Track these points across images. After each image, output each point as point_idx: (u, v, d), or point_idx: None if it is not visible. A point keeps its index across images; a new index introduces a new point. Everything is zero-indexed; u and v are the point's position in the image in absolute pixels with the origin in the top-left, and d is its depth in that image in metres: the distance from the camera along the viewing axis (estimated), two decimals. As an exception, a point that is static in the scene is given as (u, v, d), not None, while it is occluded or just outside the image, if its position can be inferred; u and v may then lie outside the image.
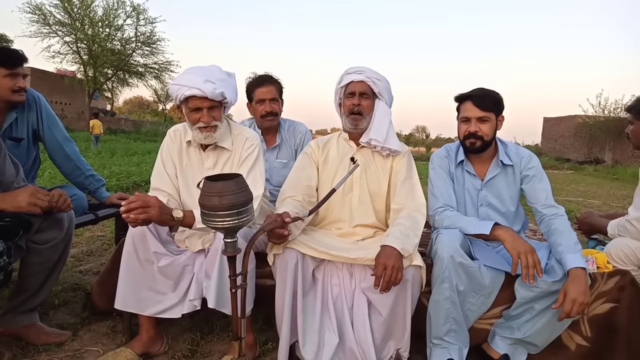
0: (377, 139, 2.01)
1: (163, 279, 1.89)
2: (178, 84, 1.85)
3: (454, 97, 2.15)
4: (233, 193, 1.32)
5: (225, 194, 1.31)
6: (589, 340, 1.85)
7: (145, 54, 27.67)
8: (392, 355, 1.85)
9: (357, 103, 2.02)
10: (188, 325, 2.25)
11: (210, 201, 1.31)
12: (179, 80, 1.87)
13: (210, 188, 1.32)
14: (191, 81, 1.82)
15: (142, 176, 7.72)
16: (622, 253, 1.99)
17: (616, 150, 23.30)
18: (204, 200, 1.33)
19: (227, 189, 1.32)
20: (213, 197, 1.31)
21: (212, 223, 1.35)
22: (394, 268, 1.65)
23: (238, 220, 1.34)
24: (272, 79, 2.74)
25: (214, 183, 1.33)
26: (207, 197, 1.32)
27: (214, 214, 1.33)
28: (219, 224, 1.34)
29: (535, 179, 2.08)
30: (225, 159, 2.02)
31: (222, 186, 1.32)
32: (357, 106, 2.02)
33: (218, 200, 1.31)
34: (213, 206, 1.31)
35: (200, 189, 1.35)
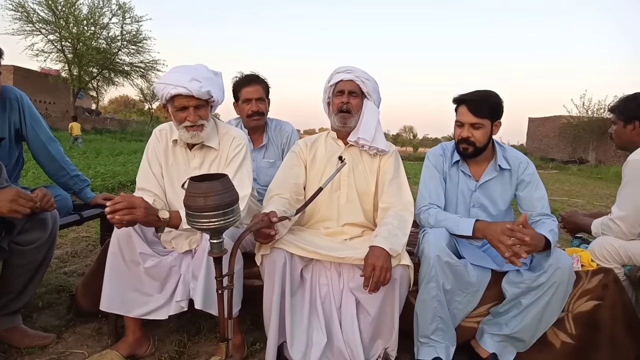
0: (365, 138, 2.01)
1: (149, 280, 1.87)
2: (164, 83, 1.83)
3: (452, 99, 2.14)
4: (219, 193, 1.30)
5: (210, 194, 1.29)
6: (573, 338, 1.88)
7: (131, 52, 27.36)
8: (380, 354, 1.85)
9: (345, 101, 2.03)
10: (175, 327, 2.23)
11: (196, 202, 1.30)
12: (164, 79, 1.85)
13: (195, 188, 1.30)
14: (177, 80, 1.80)
15: (127, 176, 7.64)
16: (606, 251, 2.02)
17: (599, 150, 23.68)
18: (188, 201, 1.31)
19: (212, 190, 1.30)
20: (198, 198, 1.29)
21: (198, 224, 1.33)
22: (382, 268, 1.66)
23: (224, 221, 1.33)
24: (259, 78, 2.73)
25: (199, 183, 1.31)
26: (192, 198, 1.30)
27: (199, 215, 1.31)
28: (205, 225, 1.32)
29: (531, 185, 2.09)
30: (212, 158, 2.01)
31: (207, 187, 1.30)
32: (346, 104, 2.02)
33: (203, 201, 1.29)
34: (198, 207, 1.30)
35: (185, 189, 1.33)
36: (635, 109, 2.10)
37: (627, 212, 2.00)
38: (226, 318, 1.48)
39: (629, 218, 1.99)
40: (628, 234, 2.01)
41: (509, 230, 1.76)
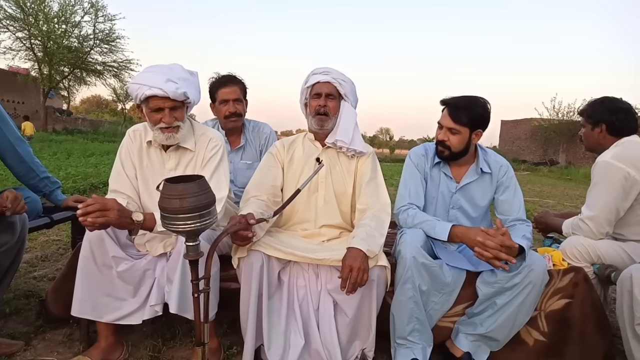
0: (343, 140, 2.01)
1: (122, 284, 1.83)
2: (138, 83, 1.79)
3: (440, 100, 2.14)
4: (194, 195, 1.28)
5: (186, 196, 1.27)
6: (546, 335, 1.92)
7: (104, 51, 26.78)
8: (357, 355, 1.86)
9: (323, 104, 2.02)
10: (149, 332, 2.19)
11: (171, 204, 1.27)
12: (138, 79, 1.81)
13: (171, 190, 1.28)
14: (152, 80, 1.76)
15: (100, 178, 7.48)
16: (576, 250, 2.07)
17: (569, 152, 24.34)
18: (164, 203, 1.29)
19: (188, 191, 1.27)
20: (174, 200, 1.27)
21: (173, 226, 1.30)
22: (360, 270, 1.66)
23: (200, 223, 1.30)
24: (236, 79, 2.71)
25: (175, 185, 1.28)
26: (168, 200, 1.28)
27: (174, 217, 1.28)
28: (180, 227, 1.29)
29: (509, 189, 2.12)
30: (187, 160, 1.98)
31: (183, 188, 1.27)
32: (324, 107, 2.02)
33: (179, 202, 1.26)
34: (174, 209, 1.27)
35: (160, 191, 1.30)
36: (602, 112, 2.16)
37: (596, 213, 2.06)
38: (202, 322, 1.46)
39: (598, 218, 2.05)
40: (597, 233, 2.07)
41: (491, 235, 1.79)
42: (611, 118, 2.13)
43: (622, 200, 2.02)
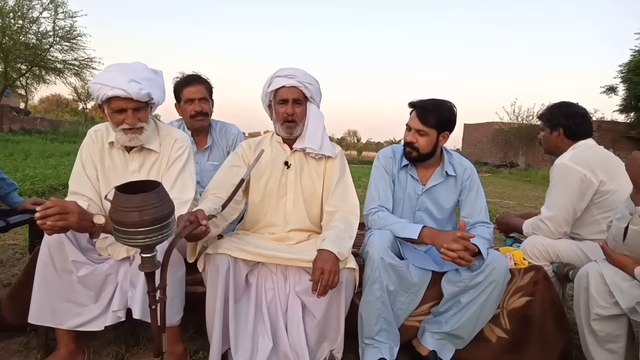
0: (312, 147, 1.99)
1: (83, 289, 1.77)
2: (99, 83, 1.72)
3: (408, 103, 2.17)
4: (155, 206, 1.16)
5: (146, 208, 1.15)
6: (508, 333, 1.98)
7: (64, 49, 25.77)
8: (325, 356, 1.86)
9: (291, 112, 1.95)
10: (112, 338, 2.12)
11: (129, 217, 1.14)
12: (100, 78, 1.74)
13: (127, 202, 1.15)
14: (114, 80, 1.71)
15: (59, 179, 7.21)
16: (536, 250, 2.14)
17: (528, 155, 25.12)
18: (119, 216, 1.15)
19: (148, 202, 1.15)
20: (131, 213, 1.14)
21: (131, 241, 1.18)
22: (331, 272, 1.67)
23: (161, 235, 1.20)
24: (201, 78, 2.66)
25: (131, 196, 1.15)
26: (124, 213, 1.14)
27: (133, 232, 1.16)
28: (140, 242, 1.18)
29: (473, 192, 2.17)
30: (152, 161, 1.93)
31: (141, 199, 1.15)
32: (292, 115, 1.96)
33: (138, 215, 1.14)
34: (133, 223, 1.15)
35: (111, 201, 1.18)
36: (560, 117, 2.25)
37: (555, 213, 2.14)
38: (160, 332, 1.41)
39: (556, 218, 2.13)
40: (556, 233, 2.15)
41: (459, 238, 1.83)
42: (568, 122, 2.22)
43: (579, 200, 2.10)
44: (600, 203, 2.10)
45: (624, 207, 1.66)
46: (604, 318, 1.67)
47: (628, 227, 1.63)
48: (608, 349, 1.70)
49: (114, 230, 1.21)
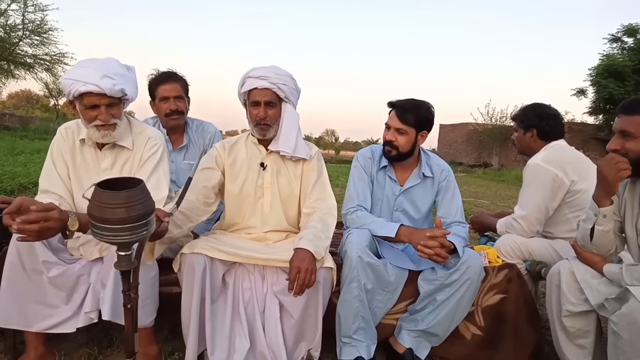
0: (286, 150, 1.95)
1: (54, 290, 1.72)
2: (71, 79, 1.67)
3: (387, 102, 2.19)
4: (141, 202, 1.16)
5: (133, 204, 1.14)
6: (482, 330, 2.02)
7: (34, 43, 24.96)
8: (303, 356, 1.85)
9: (263, 116, 1.90)
10: (84, 340, 2.07)
11: (116, 214, 1.13)
12: (72, 74, 1.69)
13: (114, 198, 1.13)
14: (87, 76, 1.66)
15: (29, 177, 6.99)
16: (510, 248, 2.19)
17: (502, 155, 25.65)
18: (104, 213, 1.13)
19: (134, 198, 1.15)
20: (118, 209, 1.13)
21: (117, 238, 1.16)
22: (307, 271, 1.66)
23: (146, 231, 1.19)
24: (177, 75, 2.61)
25: (118, 193, 1.14)
26: (110, 210, 1.13)
27: (120, 228, 1.14)
28: (126, 238, 1.16)
29: (449, 193, 2.21)
30: (124, 158, 1.89)
31: (128, 195, 1.14)
32: (264, 119, 1.92)
33: (125, 211, 1.13)
34: (119, 219, 1.13)
35: (93, 198, 1.15)
36: (533, 118, 2.30)
37: (528, 212, 2.18)
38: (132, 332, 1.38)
39: (529, 217, 2.18)
40: (528, 231, 2.20)
41: (433, 237, 1.85)
42: (541, 123, 2.27)
43: (551, 200, 2.15)
44: (571, 202, 2.15)
45: (589, 208, 1.71)
46: (574, 314, 1.72)
47: (594, 227, 1.68)
48: (578, 344, 1.75)
49: (95, 229, 1.18)
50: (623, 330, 1.40)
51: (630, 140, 1.55)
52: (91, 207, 1.15)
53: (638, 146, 1.54)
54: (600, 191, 1.64)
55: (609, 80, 18.78)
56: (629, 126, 1.55)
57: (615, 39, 20.58)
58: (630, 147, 1.55)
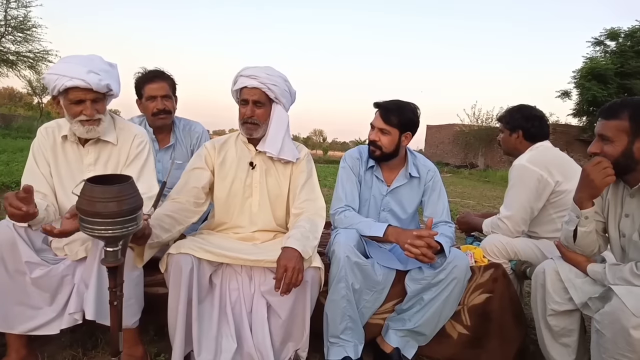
0: (271, 151, 1.94)
1: (37, 291, 1.69)
2: (57, 74, 1.67)
3: (373, 103, 2.21)
4: (131, 196, 1.20)
5: (124, 198, 1.18)
6: (469, 329, 2.03)
7: (17, 40, 24.51)
8: (290, 356, 1.85)
9: (250, 114, 1.90)
10: (68, 342, 2.03)
11: (108, 207, 1.17)
12: (57, 69, 1.69)
13: (106, 192, 1.18)
14: (73, 71, 1.66)
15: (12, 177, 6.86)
16: (496, 248, 2.21)
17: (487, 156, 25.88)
18: (95, 207, 1.17)
19: (125, 192, 1.19)
20: (110, 203, 1.17)
21: (108, 231, 1.20)
22: (294, 269, 1.65)
23: (136, 226, 1.24)
24: (164, 74, 2.58)
25: (110, 187, 1.19)
26: (102, 204, 1.17)
27: (111, 222, 1.18)
28: (117, 231, 1.20)
29: (435, 193, 2.22)
30: (108, 154, 1.87)
31: (119, 189, 1.19)
32: (250, 117, 1.92)
33: (117, 205, 1.17)
34: (111, 213, 1.17)
35: (84, 193, 1.19)
36: (519, 119, 2.32)
37: (513, 212, 2.21)
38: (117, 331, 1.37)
39: (514, 217, 2.20)
40: (514, 231, 2.22)
41: (419, 237, 1.86)
42: (527, 125, 2.30)
43: (536, 200, 2.18)
44: (556, 203, 2.18)
45: (571, 210, 1.74)
46: (559, 313, 1.74)
47: (577, 229, 1.71)
48: (562, 342, 1.77)
49: (85, 223, 1.20)
50: (606, 329, 1.43)
51: (608, 144, 1.59)
52: (82, 202, 1.19)
53: (614, 150, 1.57)
54: (583, 194, 1.67)
55: (592, 83, 19.07)
56: (606, 130, 1.59)
57: (599, 42, 20.91)
58: (608, 150, 1.59)
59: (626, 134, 1.55)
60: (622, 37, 20.02)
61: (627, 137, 1.55)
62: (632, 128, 1.54)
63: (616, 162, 1.58)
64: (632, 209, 1.64)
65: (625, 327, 1.35)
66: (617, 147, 1.57)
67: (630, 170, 1.59)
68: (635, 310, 1.35)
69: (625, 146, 1.55)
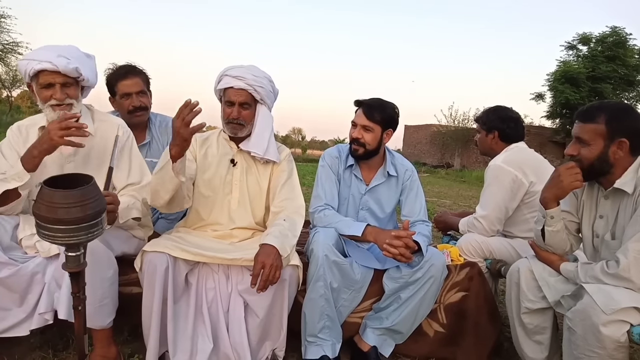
0: (257, 151, 1.95)
1: (6, 292, 1.63)
2: (27, 59, 1.70)
3: (353, 101, 2.21)
4: (95, 199, 1.12)
5: (88, 201, 1.10)
6: (444, 327, 2.06)
7: (-16, 31, 23.80)
8: (267, 356, 1.84)
9: (236, 116, 1.90)
10: (38, 343, 1.97)
11: (70, 213, 1.08)
12: (29, 55, 1.73)
13: (68, 197, 1.09)
14: (42, 55, 1.68)
15: (-21, 173, 6.65)
16: (471, 247, 2.24)
17: (464, 156, 26.28)
18: (57, 214, 1.08)
19: (89, 196, 1.11)
20: (73, 209, 1.08)
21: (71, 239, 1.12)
22: (272, 266, 1.63)
23: (101, 229, 1.17)
24: (137, 69, 2.47)
25: (71, 192, 1.09)
26: (65, 210, 1.08)
27: (75, 228, 1.10)
28: (81, 238, 1.12)
29: (412, 193, 2.24)
30: (89, 145, 1.81)
31: (82, 193, 1.10)
32: (237, 119, 1.91)
33: (81, 210, 1.09)
34: (76, 219, 1.09)
35: (43, 199, 1.10)
36: (495, 120, 2.36)
37: (488, 212, 2.24)
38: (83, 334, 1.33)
39: (489, 217, 2.24)
40: (489, 230, 2.26)
41: (397, 237, 1.88)
42: (503, 126, 2.33)
43: (511, 200, 2.22)
44: (530, 203, 2.22)
45: (538, 210, 1.78)
46: (532, 311, 1.77)
47: (544, 229, 1.74)
48: (535, 340, 1.81)
49: (44, 230, 1.12)
50: (577, 326, 1.46)
51: (585, 147, 1.62)
52: (39, 208, 1.10)
53: (590, 153, 1.61)
54: (549, 194, 1.71)
55: (565, 86, 19.56)
56: (583, 133, 1.62)
57: (571, 46, 21.47)
58: (584, 153, 1.62)
59: (602, 137, 1.58)
60: (593, 42, 20.60)
61: (603, 140, 1.59)
62: (608, 132, 1.57)
63: (591, 164, 1.61)
64: (606, 210, 1.68)
65: (596, 324, 1.38)
66: (593, 150, 1.60)
67: (605, 173, 1.63)
68: (605, 308, 1.38)
69: (601, 150, 1.59)
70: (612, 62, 19.50)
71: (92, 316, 1.63)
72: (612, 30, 20.07)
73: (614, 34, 20.01)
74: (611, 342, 1.36)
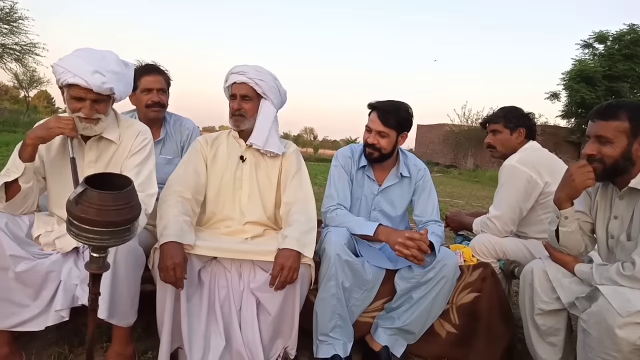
0: (257, 143, 2.00)
1: (21, 286, 1.66)
2: (63, 67, 1.64)
3: (367, 104, 2.20)
4: (131, 204, 1.13)
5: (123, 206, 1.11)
6: (457, 328, 2.04)
7: (3, 32, 24.15)
8: (279, 353, 1.85)
9: (237, 108, 1.97)
10: (54, 338, 2.00)
11: (109, 216, 1.08)
12: (65, 62, 1.66)
13: (117, 199, 1.09)
14: (78, 68, 1.63)
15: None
16: (484, 247, 2.22)
17: (477, 156, 26.09)
18: (100, 216, 1.07)
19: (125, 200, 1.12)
20: (112, 211, 1.08)
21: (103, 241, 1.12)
22: (291, 269, 1.70)
23: (132, 235, 1.17)
24: (160, 69, 2.59)
25: (118, 193, 1.10)
26: (106, 212, 1.07)
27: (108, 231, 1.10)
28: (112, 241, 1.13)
29: (425, 192, 2.23)
30: (110, 152, 1.85)
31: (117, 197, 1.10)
32: (238, 110, 1.98)
33: (116, 214, 1.09)
34: (120, 221, 1.09)
35: (84, 200, 1.09)
36: (519, 117, 2.33)
37: (502, 212, 2.22)
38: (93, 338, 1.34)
39: (503, 217, 2.22)
40: (502, 231, 2.24)
41: (411, 238, 1.87)
42: (529, 123, 2.32)
43: (525, 201, 2.20)
44: (544, 203, 2.19)
45: (552, 211, 1.75)
46: (546, 312, 1.75)
47: (558, 229, 1.72)
48: (549, 342, 1.79)
49: (75, 228, 1.13)
50: (592, 328, 1.44)
51: (607, 146, 1.58)
52: (87, 211, 1.09)
53: (614, 152, 1.57)
54: (562, 194, 1.68)
55: (581, 85, 19.32)
56: (605, 131, 1.58)
57: (587, 45, 21.19)
58: (607, 152, 1.58)
59: (625, 135, 1.55)
60: (610, 40, 20.30)
61: (627, 138, 1.55)
62: (631, 129, 1.54)
63: (616, 163, 1.58)
64: (621, 210, 1.66)
65: (611, 326, 1.36)
66: (616, 148, 1.56)
67: (625, 172, 1.60)
68: (620, 310, 1.36)
69: (625, 147, 1.56)
70: (630, 60, 19.22)
71: (124, 314, 1.68)
72: (629, 27, 19.77)
73: (632, 31, 19.70)
74: (627, 345, 1.34)
